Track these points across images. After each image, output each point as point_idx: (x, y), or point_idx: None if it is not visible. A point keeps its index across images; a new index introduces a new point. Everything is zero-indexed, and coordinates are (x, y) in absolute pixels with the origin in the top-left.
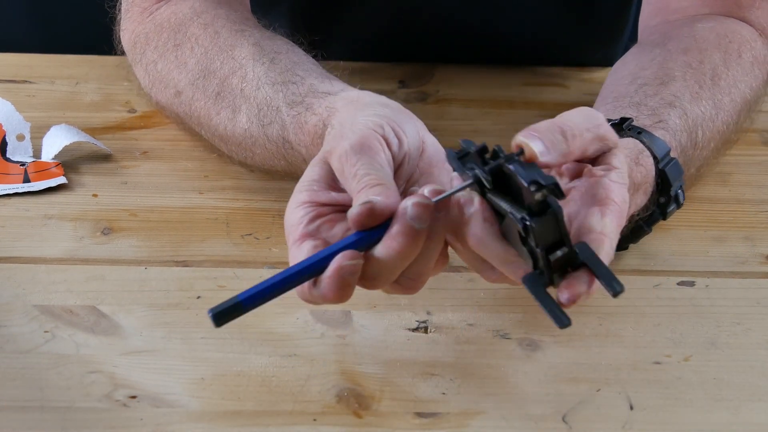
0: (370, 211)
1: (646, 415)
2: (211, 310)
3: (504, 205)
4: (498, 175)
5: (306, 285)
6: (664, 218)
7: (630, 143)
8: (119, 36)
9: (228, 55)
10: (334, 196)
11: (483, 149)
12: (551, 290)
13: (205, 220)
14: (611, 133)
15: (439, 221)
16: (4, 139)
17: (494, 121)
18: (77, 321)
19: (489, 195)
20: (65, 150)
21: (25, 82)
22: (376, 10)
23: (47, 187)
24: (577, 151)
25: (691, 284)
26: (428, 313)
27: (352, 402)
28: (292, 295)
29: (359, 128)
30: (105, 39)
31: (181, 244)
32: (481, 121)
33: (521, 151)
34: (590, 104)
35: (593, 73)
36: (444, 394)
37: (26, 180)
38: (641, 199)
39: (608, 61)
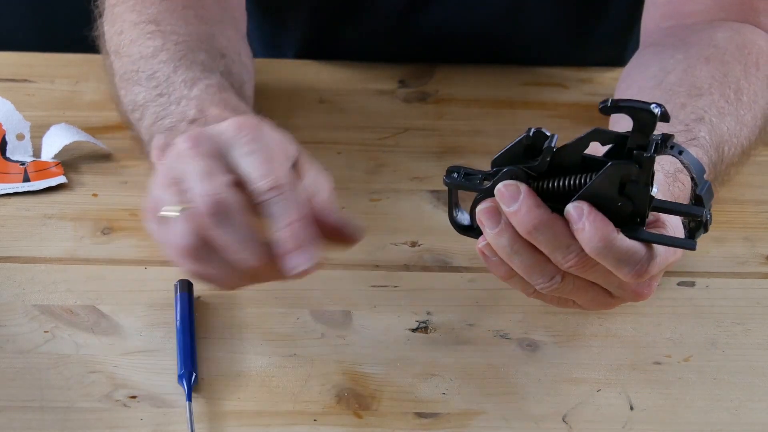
0: None
1: (646, 415)
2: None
3: (577, 179)
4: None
5: None
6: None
7: (669, 161)
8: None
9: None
10: None
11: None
12: None
13: None
14: None
15: None
16: (3, 138)
17: (494, 121)
18: (77, 321)
19: (544, 182)
20: (65, 149)
21: (24, 81)
22: (377, 11)
23: (47, 186)
24: None
25: (691, 284)
26: (428, 313)
27: (352, 402)
28: (292, 294)
29: None
30: None
31: None
32: (481, 121)
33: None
34: (591, 104)
35: (593, 74)
36: (444, 394)
37: (26, 179)
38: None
39: (611, 62)
